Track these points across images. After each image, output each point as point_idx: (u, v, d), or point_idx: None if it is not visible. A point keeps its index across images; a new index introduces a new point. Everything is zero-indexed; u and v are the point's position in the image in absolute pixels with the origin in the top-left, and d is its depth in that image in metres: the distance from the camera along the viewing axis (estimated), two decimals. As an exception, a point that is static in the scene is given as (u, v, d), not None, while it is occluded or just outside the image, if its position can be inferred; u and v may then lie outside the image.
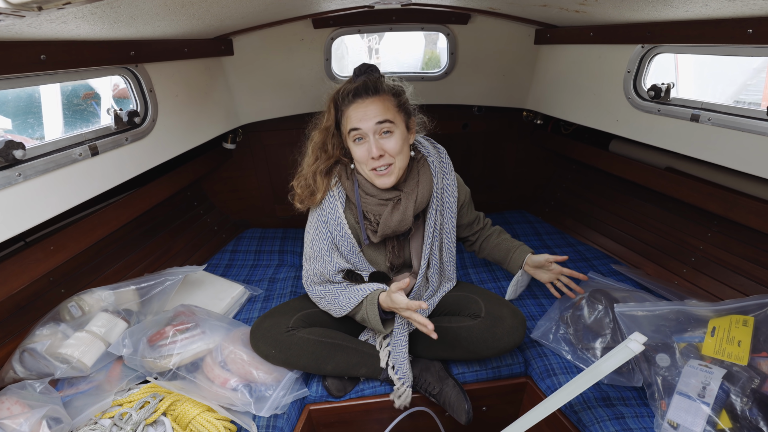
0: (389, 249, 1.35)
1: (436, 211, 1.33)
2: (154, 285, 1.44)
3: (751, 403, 1.03)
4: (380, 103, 1.21)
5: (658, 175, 1.76)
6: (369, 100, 1.21)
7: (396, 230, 1.28)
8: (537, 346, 1.44)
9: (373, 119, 1.19)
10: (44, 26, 0.93)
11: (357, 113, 1.21)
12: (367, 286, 1.28)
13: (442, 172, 1.35)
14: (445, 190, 1.34)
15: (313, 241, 1.33)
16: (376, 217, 1.29)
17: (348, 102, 1.23)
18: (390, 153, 1.21)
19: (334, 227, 1.29)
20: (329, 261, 1.31)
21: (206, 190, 2.31)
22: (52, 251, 1.34)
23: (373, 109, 1.20)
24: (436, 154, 1.35)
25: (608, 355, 1.07)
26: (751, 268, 1.51)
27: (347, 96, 1.23)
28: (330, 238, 1.31)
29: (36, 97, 2.58)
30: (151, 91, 1.54)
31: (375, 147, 1.19)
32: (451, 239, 1.39)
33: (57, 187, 1.22)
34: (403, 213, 1.26)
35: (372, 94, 1.21)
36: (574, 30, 1.79)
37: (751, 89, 3.11)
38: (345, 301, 1.28)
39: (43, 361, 1.21)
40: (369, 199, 1.29)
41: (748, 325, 1.13)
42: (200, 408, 1.17)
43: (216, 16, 1.36)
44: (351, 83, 1.25)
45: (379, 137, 1.21)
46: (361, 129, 1.20)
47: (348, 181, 1.30)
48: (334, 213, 1.29)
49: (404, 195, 1.28)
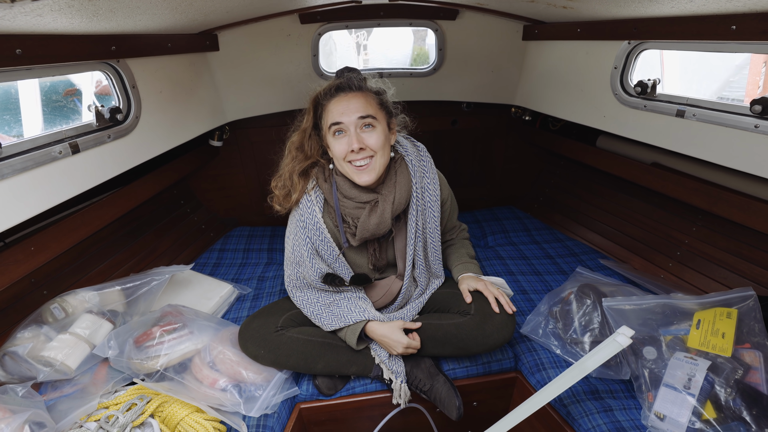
0: (371, 252, 1.34)
1: (417, 210, 1.32)
2: (140, 285, 1.41)
3: (735, 393, 1.06)
4: (363, 98, 1.21)
5: (645, 171, 1.78)
6: (351, 94, 1.21)
7: (375, 233, 1.27)
8: (526, 341, 1.45)
9: (355, 113, 1.19)
10: (18, 19, 0.90)
11: (339, 107, 1.20)
12: (350, 311, 1.29)
13: (421, 171, 1.32)
14: (425, 189, 1.33)
15: (294, 247, 1.33)
16: (354, 220, 1.28)
17: (330, 96, 1.22)
18: (371, 147, 1.20)
19: (313, 232, 1.28)
20: (311, 267, 1.30)
21: (193, 188, 2.27)
22: (33, 252, 1.31)
23: (355, 104, 1.20)
24: (415, 153, 1.34)
25: (596, 348, 1.08)
26: (734, 262, 1.54)
27: (329, 91, 1.22)
28: (310, 244, 1.30)
29: (13, 93, 2.50)
30: (134, 87, 1.50)
31: (356, 140, 1.18)
32: (435, 238, 1.37)
33: (36, 186, 1.19)
34: (380, 216, 1.25)
35: (355, 89, 1.22)
36: (562, 26, 1.80)
37: (733, 86, 3.18)
38: (327, 320, 1.30)
39: (25, 365, 1.18)
40: (347, 202, 1.28)
41: (731, 317, 1.16)
42: (189, 409, 1.16)
43: (200, 9, 1.33)
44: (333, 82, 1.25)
45: (360, 131, 1.20)
46: (343, 123, 1.19)
47: (326, 184, 1.29)
48: (313, 218, 1.28)
49: (381, 198, 1.27)
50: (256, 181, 2.37)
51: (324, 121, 1.24)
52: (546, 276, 1.80)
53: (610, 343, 1.07)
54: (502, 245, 2.08)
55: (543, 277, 1.79)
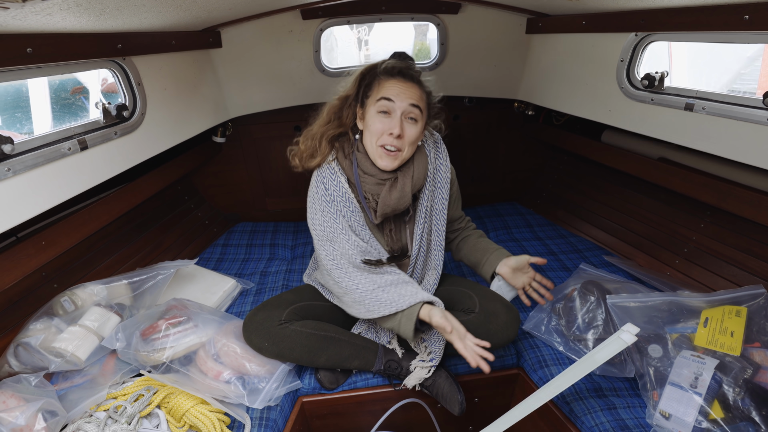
0: (387, 232, 1.34)
1: (429, 191, 1.35)
2: (146, 279, 1.44)
3: (744, 393, 1.04)
4: (418, 90, 1.25)
5: (651, 166, 1.75)
6: (410, 83, 1.25)
7: (396, 208, 1.27)
8: (529, 338, 1.44)
9: (409, 99, 1.22)
10: (29, 18, 0.92)
11: (395, 88, 1.23)
12: (403, 294, 1.19)
13: (436, 153, 1.38)
14: (438, 170, 1.37)
15: (325, 223, 1.27)
16: (374, 197, 1.29)
17: (388, 75, 1.25)
18: (407, 139, 1.24)
19: (342, 204, 1.28)
20: (346, 240, 1.26)
21: (196, 184, 2.30)
22: (44, 246, 1.34)
23: (411, 91, 1.23)
24: (431, 138, 1.39)
25: (601, 345, 1.07)
26: (744, 259, 1.51)
27: (390, 69, 1.25)
28: (341, 217, 1.27)
29: (24, 92, 2.56)
30: (140, 84, 1.52)
31: (398, 125, 1.21)
32: (440, 222, 1.38)
33: (47, 182, 1.22)
34: (401, 190, 1.27)
35: (415, 80, 1.26)
36: (567, 18, 1.77)
37: (745, 78, 3.09)
38: (375, 306, 1.19)
39: (37, 355, 1.21)
40: (367, 178, 1.29)
41: (741, 315, 1.13)
42: (194, 400, 1.18)
43: (203, 6, 1.34)
44: (395, 63, 1.28)
45: (404, 119, 1.23)
46: (394, 102, 1.22)
47: (346, 160, 1.30)
48: (340, 188, 1.28)
49: (401, 173, 1.29)
50: (258, 177, 2.38)
51: (373, 93, 1.26)
52: (549, 272, 1.78)
53: (615, 340, 1.06)
54: (504, 242, 2.06)
55: (546, 274, 1.77)
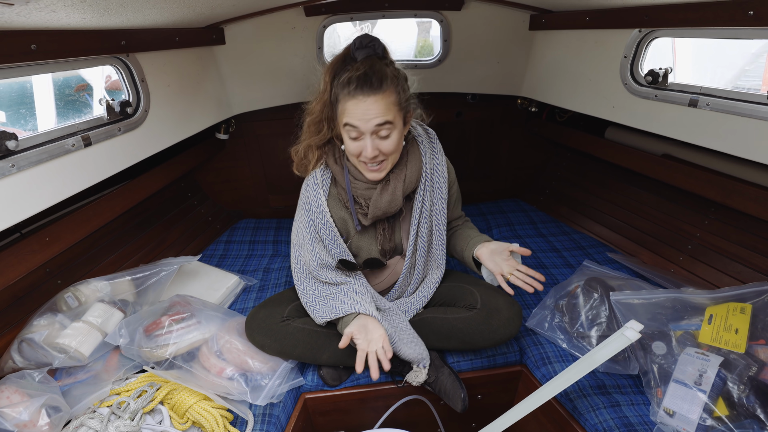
0: (380, 232, 1.33)
1: (425, 191, 1.31)
2: (149, 275, 1.44)
3: (749, 390, 1.03)
4: (382, 102, 1.12)
5: (655, 162, 1.74)
6: (371, 98, 1.11)
7: (387, 211, 1.26)
8: (532, 335, 1.44)
9: (373, 120, 1.12)
10: (33, 15, 0.92)
11: (357, 110, 1.12)
12: (343, 303, 1.24)
13: (432, 152, 1.32)
14: (435, 170, 1.32)
15: (298, 229, 1.32)
16: (366, 201, 1.27)
17: (347, 93, 1.13)
18: (385, 153, 1.17)
19: (316, 215, 1.28)
20: (310, 251, 1.29)
21: (200, 180, 2.30)
22: (48, 242, 1.34)
23: (374, 110, 1.11)
24: (425, 136, 1.34)
25: (604, 343, 1.06)
26: (748, 256, 1.50)
27: (347, 85, 1.12)
28: (313, 227, 1.29)
29: (28, 88, 2.57)
30: (143, 80, 1.52)
31: (370, 148, 1.14)
32: (441, 222, 1.36)
33: (51, 178, 1.22)
34: (392, 193, 1.25)
35: (376, 88, 1.11)
36: (570, 15, 1.76)
37: (749, 74, 3.07)
38: (320, 312, 1.26)
39: (41, 351, 1.22)
40: (358, 183, 1.27)
41: (745, 312, 1.13)
42: (197, 397, 1.18)
43: (207, 3, 1.34)
44: (351, 65, 1.16)
45: (375, 137, 1.15)
46: (359, 127, 1.14)
47: (337, 166, 1.28)
48: (317, 201, 1.28)
49: (393, 175, 1.26)
50: (261, 173, 2.38)
51: (339, 113, 1.17)
52: (552, 269, 1.78)
53: (619, 337, 1.05)
54: (507, 238, 2.06)
55: (549, 271, 1.77)
